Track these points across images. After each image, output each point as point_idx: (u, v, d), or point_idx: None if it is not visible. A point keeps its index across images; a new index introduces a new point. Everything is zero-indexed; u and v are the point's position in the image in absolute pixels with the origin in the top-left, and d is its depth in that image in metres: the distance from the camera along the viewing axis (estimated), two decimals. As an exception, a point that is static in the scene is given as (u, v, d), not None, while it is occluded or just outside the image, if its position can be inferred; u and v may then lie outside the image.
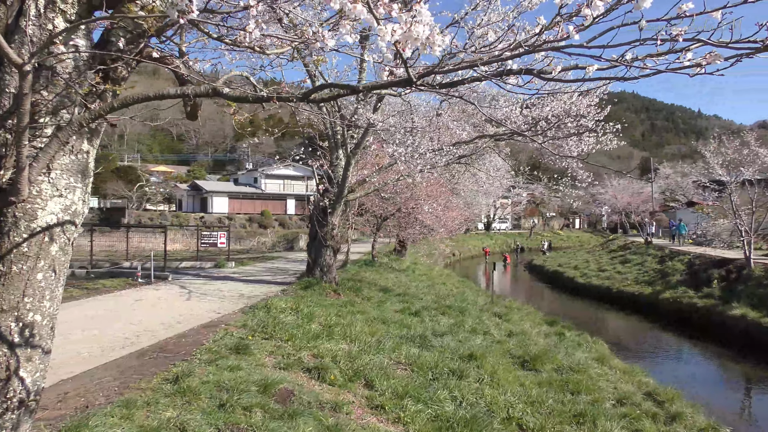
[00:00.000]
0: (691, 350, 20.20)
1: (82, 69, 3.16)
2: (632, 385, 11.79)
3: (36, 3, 2.43)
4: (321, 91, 2.45)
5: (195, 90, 2.64)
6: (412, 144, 13.05)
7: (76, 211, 3.32)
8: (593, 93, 14.95)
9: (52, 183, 3.13)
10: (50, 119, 3.05)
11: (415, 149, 12.90)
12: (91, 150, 3.35)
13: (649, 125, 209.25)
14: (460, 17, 9.79)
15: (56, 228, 3.19)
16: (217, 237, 21.91)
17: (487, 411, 8.54)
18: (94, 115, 2.60)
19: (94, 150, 3.39)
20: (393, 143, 13.51)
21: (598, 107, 14.91)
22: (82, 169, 3.30)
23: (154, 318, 10.49)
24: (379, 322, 12.70)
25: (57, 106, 3.06)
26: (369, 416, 7.36)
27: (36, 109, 3.06)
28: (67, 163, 3.17)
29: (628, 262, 34.83)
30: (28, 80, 2.29)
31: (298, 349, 9.13)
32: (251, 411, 6.15)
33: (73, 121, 2.59)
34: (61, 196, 3.19)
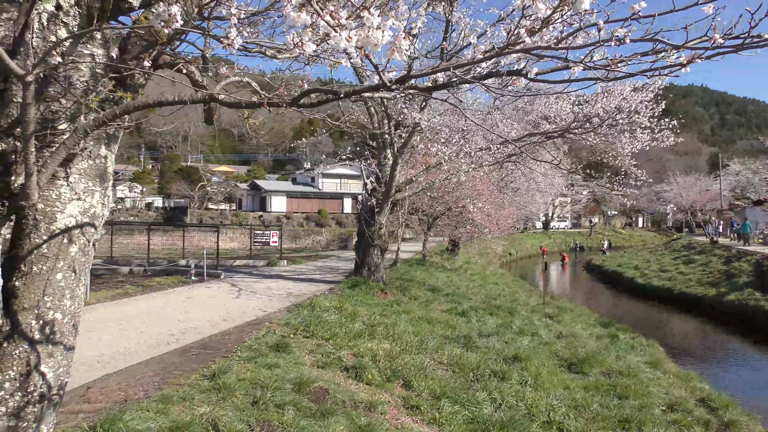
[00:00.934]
0: (755, 356, 19.27)
1: (99, 77, 3.29)
2: (685, 391, 11.36)
3: (39, 17, 2.55)
4: (309, 96, 2.47)
5: (192, 97, 2.71)
6: (457, 143, 12.95)
7: (95, 213, 3.45)
8: (647, 88, 14.49)
9: (71, 187, 3.27)
10: (69, 126, 3.20)
11: (460, 148, 12.79)
12: (109, 155, 3.48)
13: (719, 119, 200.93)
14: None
15: (75, 230, 3.33)
16: (270, 236, 22.36)
17: (527, 414, 8.41)
18: (98, 122, 2.71)
19: (113, 154, 3.52)
20: (438, 142, 13.45)
21: (653, 102, 14.42)
22: (101, 173, 3.43)
23: (202, 315, 10.79)
24: (423, 321, 12.67)
25: (75, 113, 3.20)
26: (404, 416, 7.36)
27: (56, 116, 3.21)
28: (85, 167, 3.31)
29: (692, 263, 33.51)
30: (31, 90, 2.40)
31: (339, 348, 9.21)
32: (284, 409, 6.25)
33: (79, 129, 2.70)
34: (79, 199, 3.32)
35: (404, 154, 14.79)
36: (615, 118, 13.21)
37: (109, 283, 14.34)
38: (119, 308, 11.33)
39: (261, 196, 68.50)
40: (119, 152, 37.81)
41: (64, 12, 2.63)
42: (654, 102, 14.28)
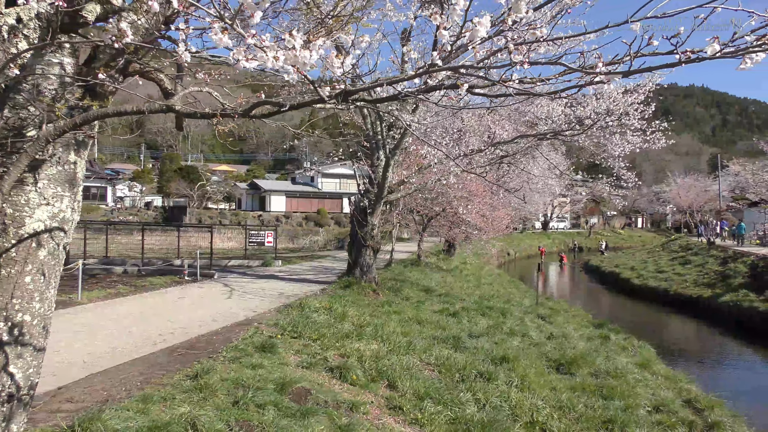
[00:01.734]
0: (748, 358, 19.34)
1: (68, 85, 3.37)
2: (672, 392, 11.46)
3: (0, 29, 2.62)
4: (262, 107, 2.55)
5: (150, 107, 2.79)
6: (447, 145, 13.03)
7: (64, 218, 3.53)
8: (638, 90, 14.57)
9: (40, 192, 3.35)
10: (37, 133, 3.28)
11: (450, 151, 12.87)
12: (78, 161, 3.56)
13: (720, 120, 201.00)
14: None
15: (44, 234, 3.42)
16: (265, 236, 22.45)
17: (511, 415, 8.49)
18: (59, 130, 2.79)
19: (82, 161, 3.60)
20: (428, 144, 13.52)
21: (644, 104, 14.50)
22: (70, 179, 3.51)
23: (192, 316, 10.88)
24: (414, 322, 12.75)
25: (42, 121, 3.28)
26: (386, 417, 7.43)
27: (24, 124, 3.29)
28: (54, 173, 3.39)
29: (689, 264, 33.58)
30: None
31: (325, 349, 9.28)
32: (264, 409, 6.32)
33: (40, 137, 2.78)
34: (48, 204, 3.41)
35: (396, 156, 14.84)
36: (605, 120, 13.26)
37: (103, 283, 14.43)
38: (111, 308, 11.42)
39: (260, 196, 68.66)
40: (119, 151, 38.22)
41: (24, 25, 2.71)
42: (645, 104, 14.35)
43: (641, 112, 13.93)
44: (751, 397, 14.39)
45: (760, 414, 12.54)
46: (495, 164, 16.79)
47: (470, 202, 20.30)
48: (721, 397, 12.14)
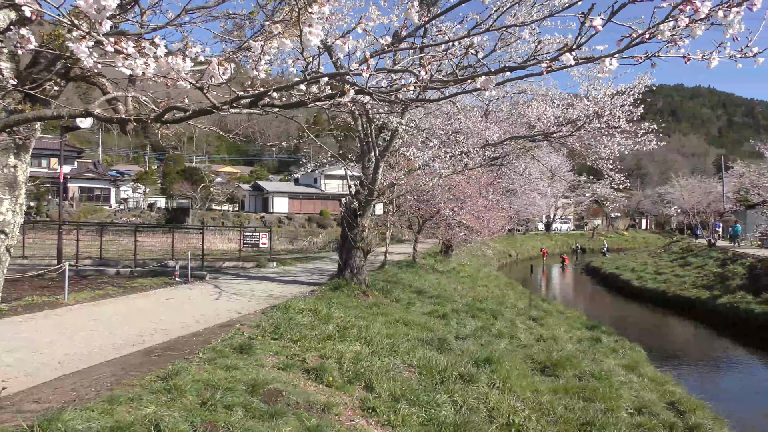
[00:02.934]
0: (741, 360, 19.26)
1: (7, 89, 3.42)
2: (657, 394, 11.43)
3: None
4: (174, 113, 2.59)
5: (70, 111, 2.83)
6: (433, 148, 13.05)
7: (4, 221, 3.58)
8: (629, 93, 14.57)
9: (-23, 196, 3.40)
10: (-25, 137, 3.33)
11: (435, 154, 12.90)
12: (19, 164, 3.60)
13: (726, 121, 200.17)
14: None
15: (-17, 237, 3.46)
16: (259, 238, 22.53)
17: (488, 416, 8.50)
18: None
19: (24, 164, 3.64)
20: (414, 146, 13.55)
21: (633, 106, 14.48)
22: (10, 182, 3.55)
23: (176, 317, 10.94)
24: (401, 324, 12.75)
25: (-20, 125, 3.32)
26: (359, 418, 7.44)
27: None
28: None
29: (688, 265, 33.48)
30: None
31: (305, 350, 9.30)
32: (232, 410, 6.35)
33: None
34: (-14, 207, 3.45)
35: (386, 157, 14.88)
36: (590, 122, 13.26)
37: (93, 284, 14.51)
38: (96, 309, 11.50)
39: (263, 197, 68.86)
40: (124, 152, 38.44)
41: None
42: (633, 106, 14.34)
43: (629, 114, 13.89)
44: (739, 400, 14.36)
45: (745, 416, 12.52)
46: (486, 166, 16.80)
47: (464, 204, 20.31)
48: (708, 399, 12.14)
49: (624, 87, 14.69)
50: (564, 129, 13.81)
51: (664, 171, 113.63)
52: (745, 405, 13.89)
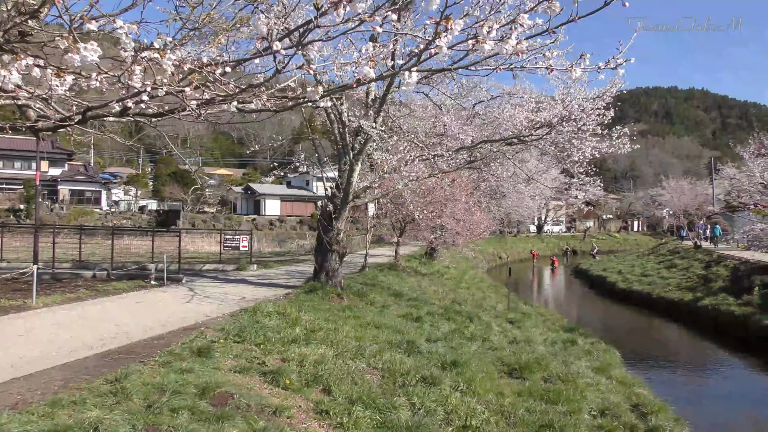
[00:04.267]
0: (717, 361, 19.38)
1: None
2: (622, 396, 11.49)
3: None
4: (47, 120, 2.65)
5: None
6: (402, 151, 13.11)
7: None
8: (602, 97, 14.63)
9: None
10: None
11: (402, 158, 12.96)
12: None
13: (720, 123, 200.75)
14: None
15: None
16: (240, 240, 22.53)
17: (445, 419, 8.55)
18: None
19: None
20: (383, 150, 13.61)
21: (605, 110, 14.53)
22: None
23: (142, 320, 10.94)
24: (371, 327, 12.79)
25: None
26: (311, 421, 7.48)
27: None
28: None
29: (674, 267, 33.65)
30: None
31: (267, 353, 9.32)
32: (178, 413, 6.38)
33: None
34: None
35: (360, 161, 14.92)
36: (563, 124, 13.34)
37: (66, 288, 14.52)
38: (64, 312, 11.51)
39: (255, 200, 68.87)
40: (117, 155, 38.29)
41: None
42: (605, 110, 14.40)
43: (600, 116, 13.96)
44: (707, 401, 14.51)
45: (709, 418, 12.64)
46: (463, 169, 16.87)
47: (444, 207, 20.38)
48: (676, 401, 12.28)
49: (598, 91, 14.77)
50: (537, 132, 13.87)
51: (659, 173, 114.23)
52: (712, 406, 14.01)
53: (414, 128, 19.67)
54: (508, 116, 15.00)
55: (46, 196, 55.58)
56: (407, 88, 14.96)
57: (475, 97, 18.39)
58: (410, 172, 13.90)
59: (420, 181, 15.29)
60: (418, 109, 22.57)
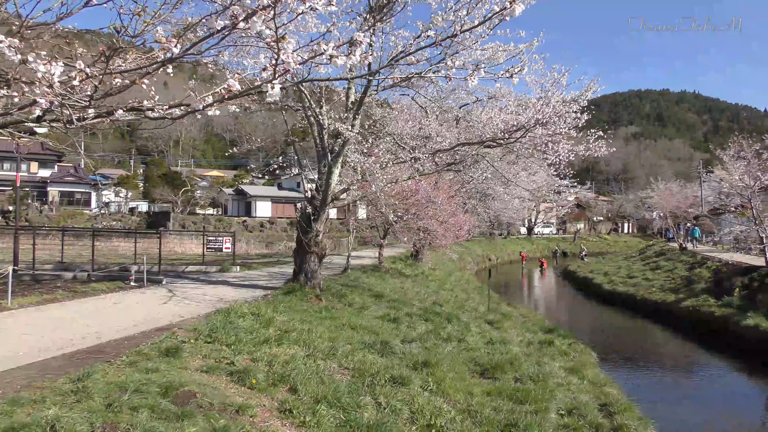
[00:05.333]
0: (693, 361, 19.61)
1: None
2: (592, 396, 11.63)
3: None
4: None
5: None
6: (377, 154, 13.26)
7: None
8: (577, 101, 14.81)
9: None
10: None
11: (377, 161, 13.10)
12: None
13: (712, 126, 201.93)
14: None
15: None
16: (223, 242, 22.62)
17: (410, 418, 8.69)
18: None
19: None
20: (359, 153, 13.75)
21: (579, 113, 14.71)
22: None
23: (116, 321, 11.02)
24: (347, 327, 12.91)
25: None
26: (274, 419, 7.58)
27: None
28: None
29: (659, 269, 33.92)
30: None
31: (237, 353, 9.42)
32: (138, 411, 6.48)
33: None
34: None
35: (338, 163, 15.05)
36: (536, 128, 13.50)
37: (44, 289, 14.58)
38: (38, 314, 11.59)
39: (246, 201, 68.89)
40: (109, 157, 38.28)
41: None
42: (580, 113, 14.57)
43: (575, 120, 14.14)
44: (677, 400, 14.68)
45: (676, 417, 12.83)
46: (442, 172, 17.03)
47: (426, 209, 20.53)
48: (647, 400, 12.52)
49: (574, 95, 14.96)
50: (514, 135, 14.05)
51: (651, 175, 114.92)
52: (684, 406, 14.19)
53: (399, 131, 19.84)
54: (485, 119, 15.15)
55: (36, 197, 55.44)
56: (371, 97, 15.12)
57: (456, 100, 18.59)
58: (387, 174, 14.03)
59: (398, 183, 15.41)
60: (404, 111, 22.79)
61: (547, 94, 14.94)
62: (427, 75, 14.50)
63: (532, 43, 13.28)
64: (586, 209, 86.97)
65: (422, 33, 12.87)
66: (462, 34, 13.43)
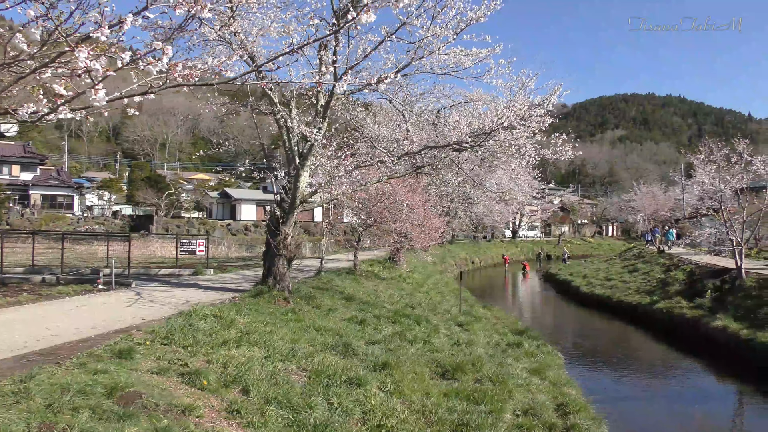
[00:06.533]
0: (667, 362, 19.83)
1: None
2: (550, 396, 11.78)
3: None
4: None
5: None
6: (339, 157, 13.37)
7: None
8: (542, 104, 15.00)
9: None
10: None
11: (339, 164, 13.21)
12: None
13: (696, 130, 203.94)
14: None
15: None
16: (196, 245, 22.62)
17: (361, 418, 8.78)
18: None
19: None
20: (324, 156, 13.84)
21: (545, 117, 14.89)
22: None
23: (75, 324, 11.03)
24: (311, 329, 12.98)
25: None
26: (221, 420, 7.64)
27: None
28: None
29: (636, 271, 34.25)
30: None
31: (193, 355, 9.47)
32: (79, 412, 6.53)
33: None
34: None
35: (305, 166, 15.15)
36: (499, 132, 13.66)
37: (10, 292, 14.51)
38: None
39: (231, 205, 68.79)
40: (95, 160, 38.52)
41: None
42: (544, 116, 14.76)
43: (539, 123, 14.32)
44: (637, 400, 14.87)
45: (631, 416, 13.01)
46: (410, 174, 17.17)
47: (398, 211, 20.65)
48: (607, 400, 12.77)
49: (540, 98, 15.16)
50: (477, 139, 14.21)
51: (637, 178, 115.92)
52: (645, 406, 14.39)
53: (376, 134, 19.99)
54: (452, 123, 15.31)
55: (17, 200, 55.13)
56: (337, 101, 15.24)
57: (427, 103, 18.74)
58: (352, 178, 14.15)
59: (366, 187, 15.52)
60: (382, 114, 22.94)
61: (513, 98, 15.15)
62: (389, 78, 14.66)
63: (494, 49, 13.48)
64: (570, 212, 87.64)
65: (386, 38, 13.09)
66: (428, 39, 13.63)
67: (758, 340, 17.36)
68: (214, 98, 16.76)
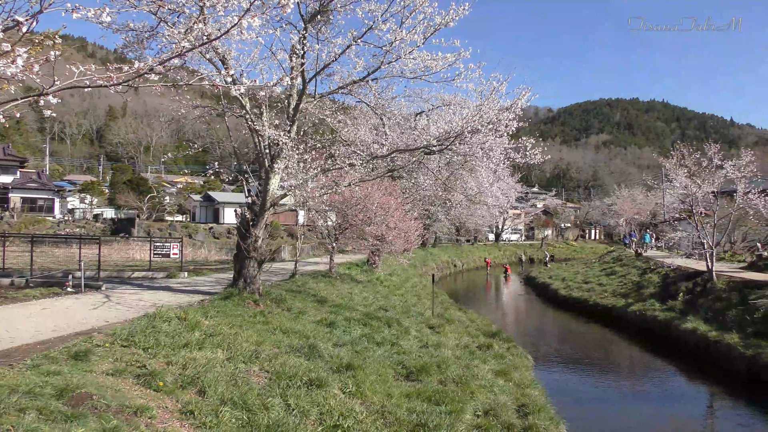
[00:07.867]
0: (637, 364, 20.06)
1: None
2: (513, 398, 11.90)
3: None
4: None
5: None
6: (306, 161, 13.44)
7: None
8: (511, 108, 15.14)
9: None
10: None
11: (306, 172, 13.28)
12: None
13: (679, 134, 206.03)
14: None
15: None
16: (170, 248, 22.58)
17: (318, 419, 8.82)
18: None
19: None
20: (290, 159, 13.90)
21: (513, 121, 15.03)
22: None
23: (37, 326, 10.99)
24: (278, 332, 13.01)
25: None
26: (174, 421, 7.66)
27: None
28: None
29: (614, 274, 34.57)
30: None
31: (152, 357, 9.47)
32: (25, 412, 6.53)
33: None
34: None
35: (274, 170, 15.19)
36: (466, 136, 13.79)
37: (-25, 295, 14.50)
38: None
39: (214, 208, 68.47)
40: (78, 162, 38.26)
41: None
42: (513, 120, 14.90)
43: (506, 127, 14.46)
44: (606, 402, 15.03)
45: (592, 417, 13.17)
46: (382, 177, 17.27)
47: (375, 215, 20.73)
48: (569, 402, 12.88)
49: (509, 102, 15.31)
50: (444, 143, 14.33)
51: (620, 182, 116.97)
52: (609, 407, 14.57)
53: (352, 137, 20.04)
54: (421, 127, 15.43)
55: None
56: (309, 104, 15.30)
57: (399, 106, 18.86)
58: (319, 181, 14.23)
59: (337, 189, 15.60)
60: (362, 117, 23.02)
61: (484, 102, 15.30)
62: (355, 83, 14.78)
63: (460, 53, 13.61)
64: (554, 216, 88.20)
65: (353, 42, 13.17)
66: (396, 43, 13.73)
67: (725, 341, 17.59)
68: (195, 101, 16.82)
